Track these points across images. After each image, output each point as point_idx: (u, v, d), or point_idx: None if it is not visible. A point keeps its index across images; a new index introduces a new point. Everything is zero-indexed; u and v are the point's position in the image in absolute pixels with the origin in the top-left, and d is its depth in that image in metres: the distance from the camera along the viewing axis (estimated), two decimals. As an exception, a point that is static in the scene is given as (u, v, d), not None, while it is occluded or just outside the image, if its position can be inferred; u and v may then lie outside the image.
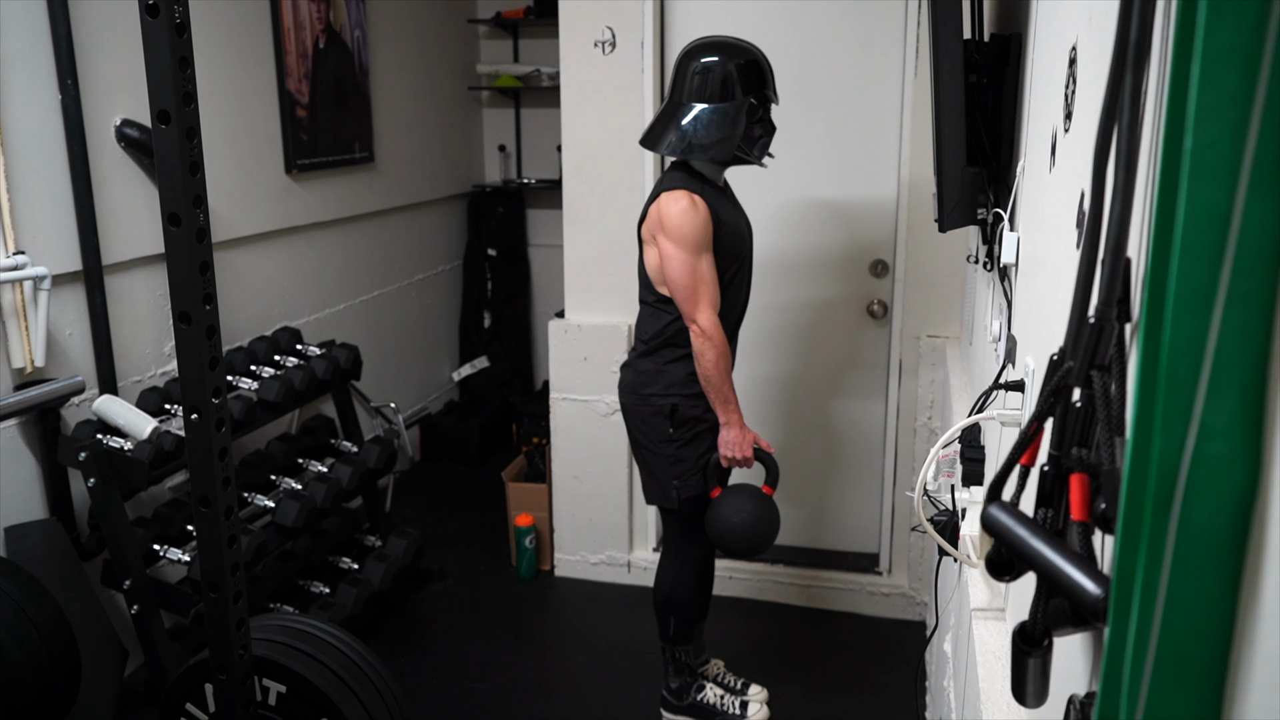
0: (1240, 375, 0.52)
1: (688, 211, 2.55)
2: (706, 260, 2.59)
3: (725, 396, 2.65)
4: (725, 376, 2.63)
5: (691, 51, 2.63)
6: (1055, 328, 1.06)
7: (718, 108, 2.58)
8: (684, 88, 2.61)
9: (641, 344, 2.78)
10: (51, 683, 2.40)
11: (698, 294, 2.58)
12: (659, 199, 2.61)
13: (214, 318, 1.78)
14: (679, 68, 2.63)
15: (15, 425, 2.79)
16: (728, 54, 2.59)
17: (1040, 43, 1.64)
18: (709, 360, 2.60)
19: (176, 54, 1.61)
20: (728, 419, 2.68)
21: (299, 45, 3.87)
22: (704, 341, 2.59)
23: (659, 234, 2.60)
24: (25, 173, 2.72)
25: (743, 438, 2.69)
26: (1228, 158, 0.50)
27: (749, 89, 2.59)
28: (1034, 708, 0.87)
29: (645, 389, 2.74)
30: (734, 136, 2.59)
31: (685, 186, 2.59)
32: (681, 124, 2.59)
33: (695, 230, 2.56)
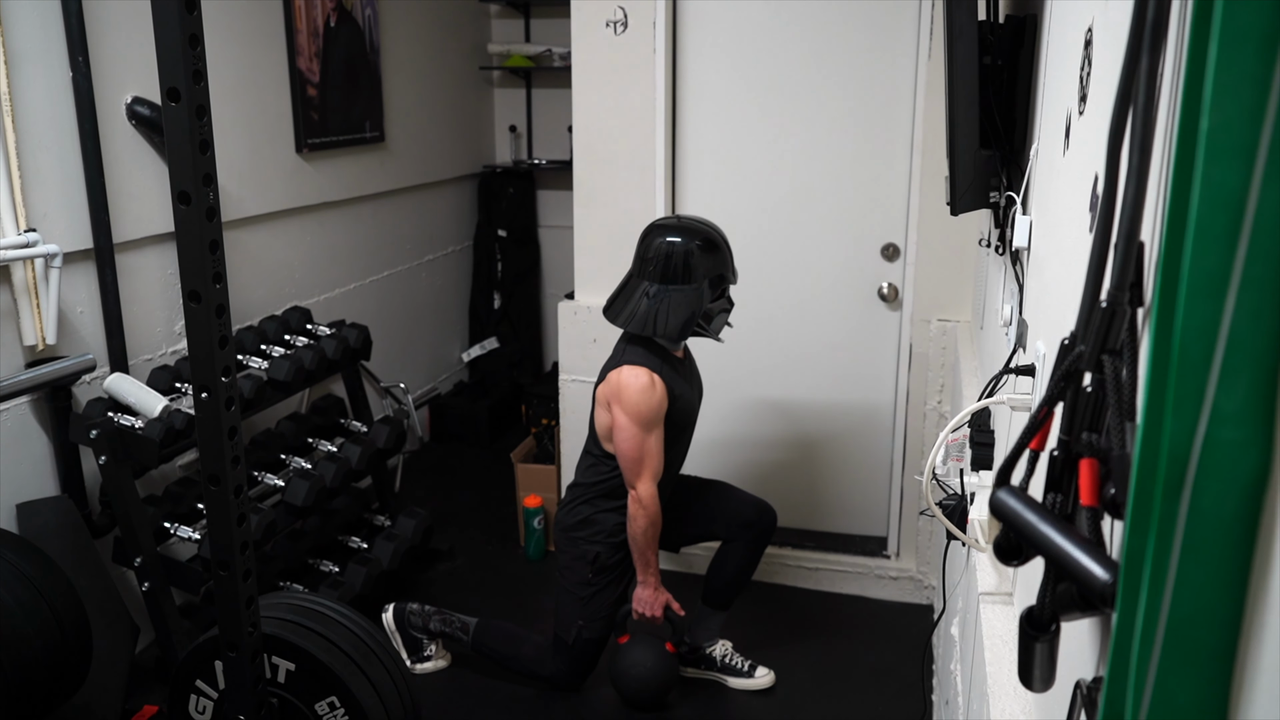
0: (1253, 360, 0.51)
1: (646, 390, 2.72)
2: (656, 435, 2.76)
3: (647, 560, 2.85)
4: (651, 543, 2.83)
5: (655, 229, 2.79)
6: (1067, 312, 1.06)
7: (678, 288, 2.73)
8: (646, 265, 2.75)
9: (579, 489, 2.96)
10: (63, 658, 2.42)
11: (642, 466, 2.76)
12: (620, 370, 2.75)
13: (224, 296, 1.78)
14: (642, 243, 2.79)
15: (27, 403, 2.80)
16: (688, 237, 2.74)
17: (1056, 24, 1.62)
18: (639, 526, 2.80)
19: (186, 31, 1.61)
20: (645, 579, 2.88)
21: (310, 23, 3.86)
22: (639, 509, 2.78)
23: (615, 404, 2.76)
24: (36, 150, 2.72)
25: (655, 599, 2.90)
26: (1244, 140, 0.49)
27: (708, 271, 2.74)
28: (1040, 692, 0.87)
29: (575, 531, 2.94)
30: (694, 317, 2.76)
31: (646, 364, 2.75)
32: (643, 302, 2.74)
33: (650, 409, 2.73)
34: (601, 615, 2.95)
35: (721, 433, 3.72)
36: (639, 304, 2.74)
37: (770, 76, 3.45)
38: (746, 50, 3.45)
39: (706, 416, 3.55)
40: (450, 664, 3.21)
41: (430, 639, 3.18)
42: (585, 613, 2.94)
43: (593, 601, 2.94)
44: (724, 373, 3.55)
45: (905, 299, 3.47)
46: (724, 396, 3.66)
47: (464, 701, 3.05)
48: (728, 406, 3.70)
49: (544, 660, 3.03)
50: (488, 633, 3.10)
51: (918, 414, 3.50)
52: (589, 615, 2.94)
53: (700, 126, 3.54)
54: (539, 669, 3.04)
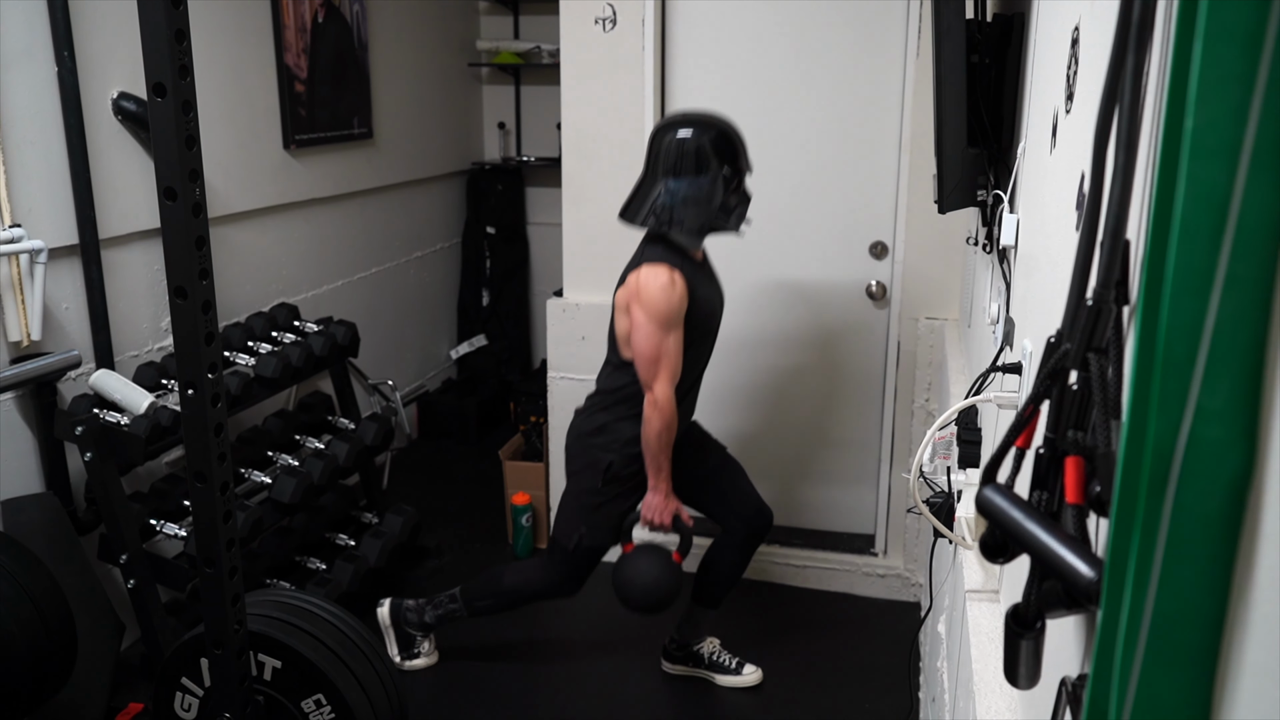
0: (1237, 359, 0.51)
1: (666, 288, 2.63)
2: (675, 336, 2.68)
3: (659, 465, 2.76)
4: (665, 448, 2.74)
5: (665, 126, 2.72)
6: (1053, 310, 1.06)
7: (693, 181, 2.65)
8: (659, 162, 2.68)
9: (599, 396, 2.88)
10: (48, 656, 2.41)
11: (660, 366, 2.67)
12: (639, 270, 2.68)
13: (210, 293, 1.77)
14: (653, 141, 2.72)
15: (11, 399, 2.79)
16: (700, 128, 2.67)
17: (1043, 23, 1.63)
18: (653, 429, 2.71)
19: (173, 26, 1.60)
20: (656, 484, 2.78)
21: (298, 19, 3.85)
22: (654, 411, 2.69)
23: (634, 303, 2.68)
24: (21, 145, 2.71)
25: (665, 506, 2.80)
26: (1228, 139, 0.49)
27: (722, 161, 2.67)
28: (1026, 689, 0.87)
29: (590, 439, 2.85)
30: (710, 210, 2.68)
31: (666, 261, 2.66)
32: (658, 199, 2.67)
33: (670, 308, 2.64)
34: (605, 526, 2.86)
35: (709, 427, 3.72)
36: (655, 202, 2.67)
37: (759, 74, 3.45)
38: (735, 48, 3.45)
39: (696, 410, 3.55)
40: (438, 660, 3.20)
41: (426, 634, 3.16)
42: (590, 520, 2.86)
43: (599, 511, 2.85)
44: (711, 371, 3.55)
45: (893, 297, 3.47)
46: (711, 394, 3.66)
47: (451, 698, 3.05)
48: (715, 403, 3.70)
49: (533, 577, 2.99)
50: (472, 592, 3.08)
51: (905, 412, 3.51)
52: (592, 524, 2.86)
53: (689, 124, 3.54)
54: (531, 586, 3.00)
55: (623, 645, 3.31)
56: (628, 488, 2.84)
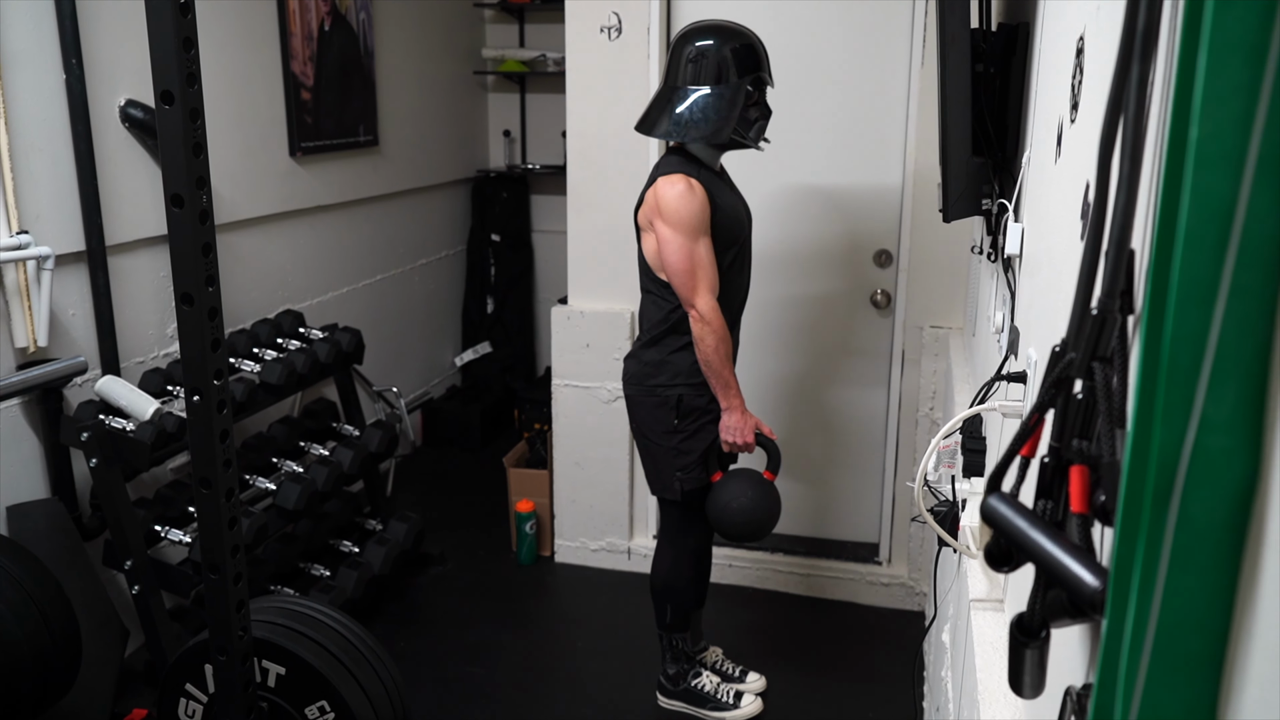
0: (1242, 368, 0.51)
1: (684, 195, 2.53)
2: (704, 244, 2.56)
3: (726, 381, 2.62)
4: (726, 361, 2.60)
5: (686, 35, 2.61)
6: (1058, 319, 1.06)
7: (713, 91, 2.56)
8: (679, 71, 2.59)
9: (645, 333, 2.75)
10: (52, 662, 2.41)
11: (696, 278, 2.55)
12: (655, 183, 2.59)
13: (216, 300, 1.78)
14: (674, 51, 2.61)
15: (18, 405, 2.79)
16: (723, 37, 2.57)
17: (1048, 32, 1.63)
18: (709, 345, 2.57)
19: (181, 34, 1.60)
20: (729, 404, 2.65)
21: (304, 27, 3.86)
22: (703, 327, 2.56)
23: (656, 219, 2.58)
24: (29, 152, 2.72)
25: (744, 423, 2.67)
26: (1233, 149, 0.50)
27: (744, 72, 2.57)
28: (1031, 699, 0.87)
29: (650, 380, 2.72)
30: (730, 120, 2.57)
31: (682, 170, 2.57)
32: (677, 108, 2.58)
33: (692, 214, 2.53)
34: (699, 462, 2.72)
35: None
36: (674, 110, 2.58)
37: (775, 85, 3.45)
38: (741, 56, 3.45)
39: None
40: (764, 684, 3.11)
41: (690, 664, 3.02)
42: (680, 463, 2.71)
43: (685, 448, 2.70)
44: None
45: (898, 305, 3.47)
46: (717, 402, 3.66)
47: (454, 706, 3.04)
48: (720, 412, 3.70)
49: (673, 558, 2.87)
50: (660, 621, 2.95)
51: (910, 420, 3.50)
52: (685, 465, 2.71)
53: (694, 132, 3.54)
54: (681, 563, 2.86)
55: (626, 653, 3.31)
56: (705, 420, 2.71)
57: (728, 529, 2.73)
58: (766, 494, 2.71)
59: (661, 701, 3.04)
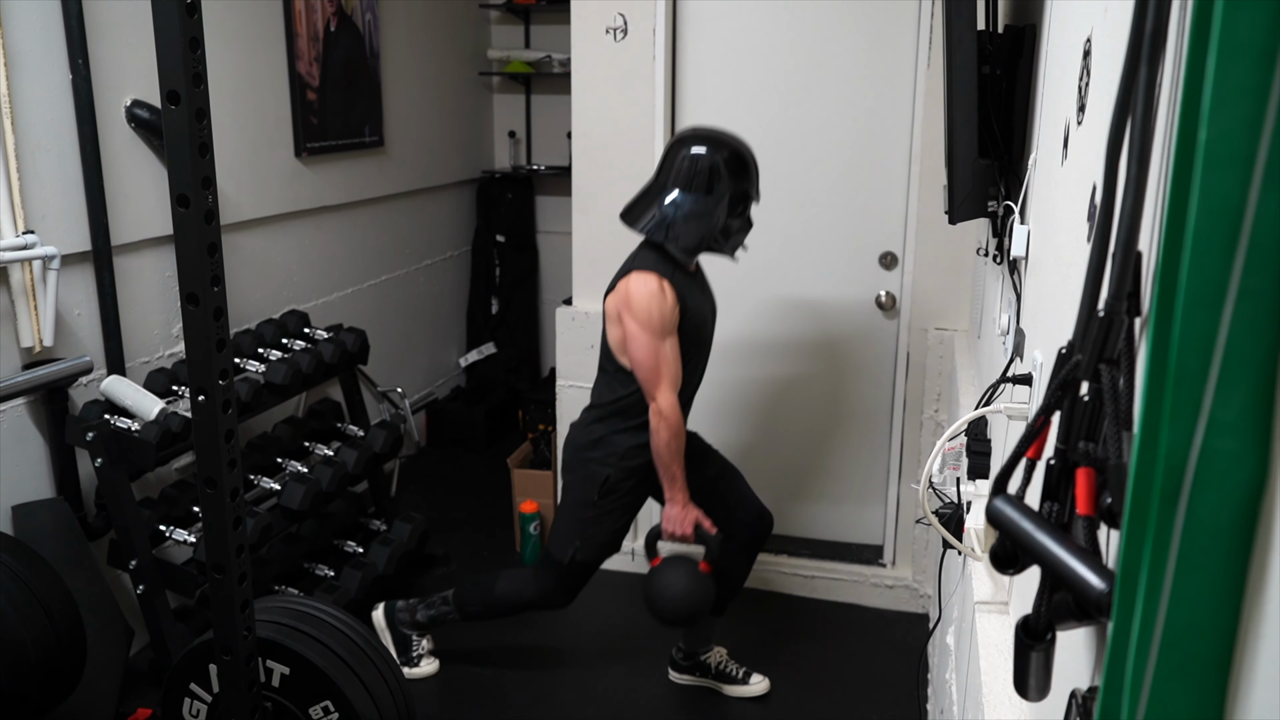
0: (1250, 371, 0.51)
1: (656, 296, 2.62)
2: (670, 343, 2.66)
3: (673, 475, 2.72)
4: (676, 456, 2.71)
5: (683, 139, 2.71)
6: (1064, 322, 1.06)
7: (699, 198, 2.65)
8: (670, 172, 2.68)
9: (594, 409, 2.85)
10: (57, 661, 2.41)
11: (660, 375, 2.65)
12: (628, 278, 2.67)
13: (222, 300, 1.78)
14: (668, 151, 2.71)
15: (23, 404, 2.80)
16: (714, 147, 2.66)
17: (1054, 34, 1.63)
18: (662, 439, 2.68)
19: (187, 34, 1.61)
20: (673, 496, 2.75)
21: (310, 28, 3.87)
22: (660, 421, 2.66)
23: (625, 313, 2.66)
24: (35, 152, 2.72)
25: (685, 515, 2.76)
26: (1242, 150, 0.49)
27: (732, 184, 2.66)
28: (1036, 701, 0.87)
29: (587, 452, 2.83)
30: (711, 230, 2.67)
31: (656, 270, 2.65)
32: (662, 207, 2.66)
33: (663, 315, 2.63)
34: (599, 542, 2.85)
35: (718, 440, 3.71)
36: (657, 210, 2.66)
37: (769, 84, 3.46)
38: (746, 58, 3.46)
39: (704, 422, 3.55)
40: (439, 669, 3.20)
41: (420, 634, 3.15)
42: (583, 534, 2.84)
43: (594, 525, 2.83)
44: (721, 380, 3.55)
45: (903, 307, 3.47)
46: (721, 403, 3.66)
47: (458, 706, 3.05)
48: (725, 413, 3.70)
49: (523, 587, 2.97)
50: (464, 596, 3.06)
51: (914, 422, 3.50)
52: (586, 538, 2.84)
53: (699, 133, 3.54)
54: (523, 596, 2.97)
55: (631, 654, 3.31)
56: (624, 502, 2.84)
57: (659, 613, 2.83)
58: (701, 585, 2.80)
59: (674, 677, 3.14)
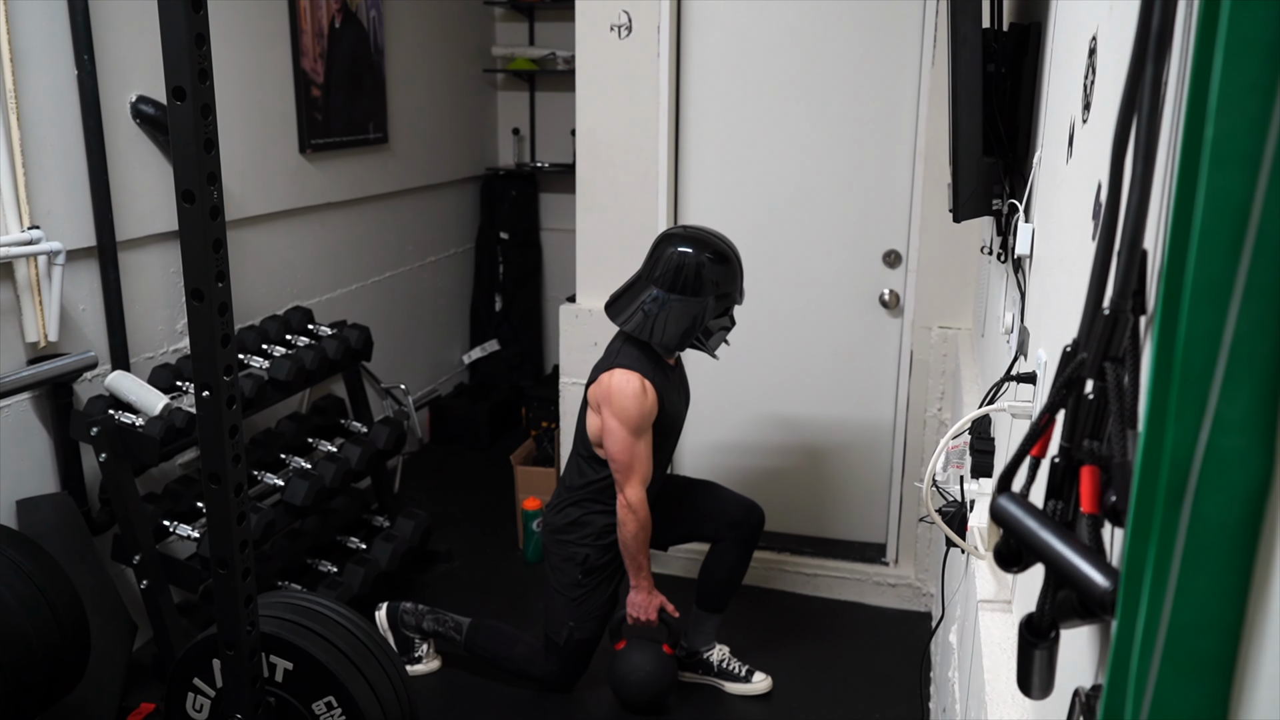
0: (1256, 369, 0.51)
1: (637, 396, 2.71)
2: (645, 440, 2.77)
3: (639, 565, 2.84)
4: (642, 547, 2.82)
5: (672, 237, 2.78)
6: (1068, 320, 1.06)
7: (682, 299, 2.72)
8: (656, 269, 2.74)
9: (567, 493, 2.94)
10: (61, 655, 2.42)
11: (632, 470, 2.76)
12: (612, 373, 2.74)
13: (226, 295, 1.78)
14: (656, 248, 2.78)
15: (28, 399, 2.80)
16: (703, 250, 2.73)
17: (1060, 32, 1.63)
18: (629, 531, 2.79)
19: (193, 30, 1.61)
20: (638, 584, 2.88)
21: (315, 24, 3.87)
22: (628, 513, 2.77)
23: (605, 406, 2.75)
24: (41, 148, 2.73)
25: (649, 602, 2.89)
26: (1249, 148, 0.49)
27: (716, 289, 2.73)
28: (1039, 700, 0.87)
29: (563, 535, 2.94)
30: (693, 331, 2.75)
31: (639, 369, 2.73)
32: (647, 305, 2.73)
33: (642, 415, 2.73)
34: (592, 616, 2.95)
35: (721, 438, 3.72)
36: (642, 307, 2.74)
37: (774, 82, 3.45)
38: (750, 55, 3.45)
39: (707, 421, 3.55)
40: (441, 666, 3.20)
41: (423, 639, 3.17)
42: (576, 614, 2.94)
43: (583, 603, 2.93)
44: (724, 378, 3.55)
45: (907, 306, 3.47)
46: (724, 402, 3.66)
47: (460, 703, 3.05)
48: (728, 411, 3.70)
49: (536, 661, 3.03)
50: (480, 633, 3.09)
51: (918, 421, 3.50)
52: (579, 616, 2.94)
53: (703, 131, 3.54)
54: (531, 669, 3.03)
55: (633, 652, 3.31)
56: (606, 575, 2.94)
57: (625, 697, 2.96)
58: (665, 668, 2.94)
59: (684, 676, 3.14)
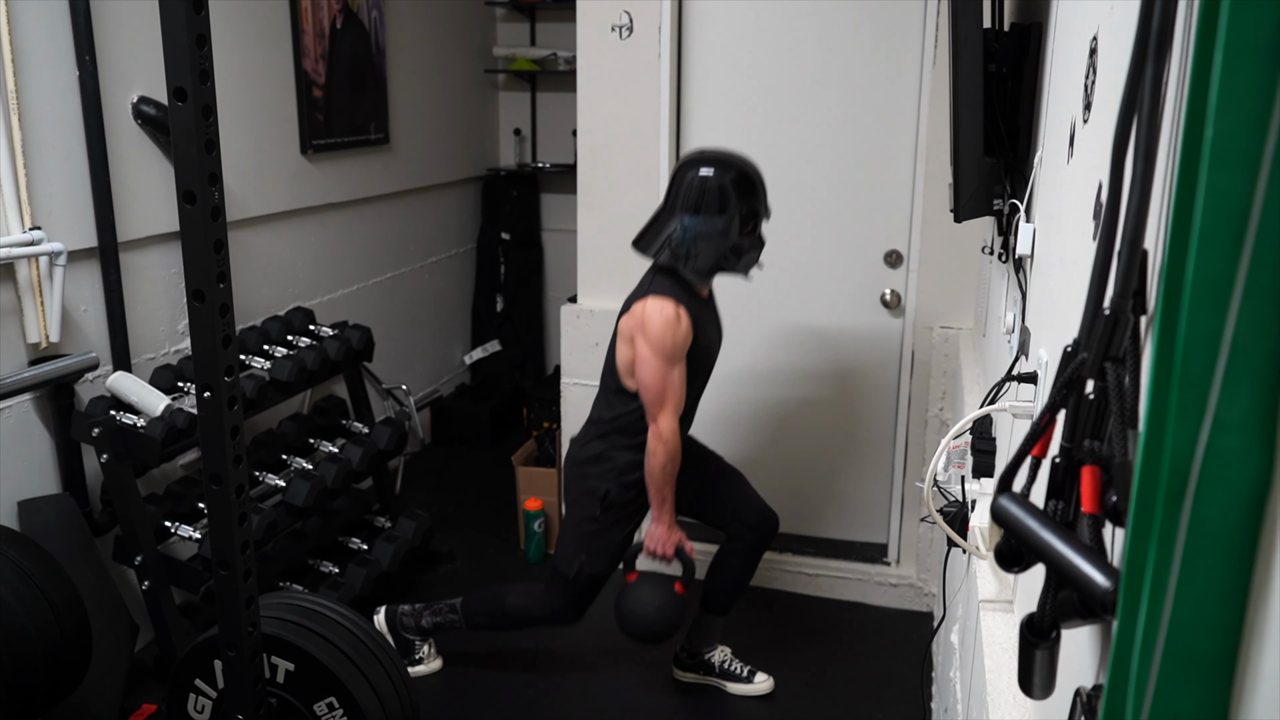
0: (1256, 369, 0.51)
1: (672, 324, 2.64)
2: (679, 370, 2.69)
3: (664, 497, 2.76)
4: (669, 479, 2.74)
5: (690, 161, 2.71)
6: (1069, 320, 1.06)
7: (710, 219, 2.65)
8: (679, 196, 2.68)
9: (594, 425, 2.88)
10: (63, 656, 2.42)
11: (665, 399, 2.68)
12: (645, 301, 2.68)
13: (228, 296, 1.79)
14: (675, 176, 2.71)
15: (30, 400, 2.81)
16: (722, 168, 2.66)
17: (1061, 32, 1.63)
18: (658, 461, 2.71)
19: (194, 31, 1.61)
20: (660, 517, 2.79)
21: (316, 25, 3.87)
22: (659, 444, 2.70)
23: (639, 335, 2.68)
24: (42, 149, 2.73)
25: (669, 537, 2.81)
26: (1248, 149, 0.49)
27: (741, 204, 2.66)
28: (1040, 699, 0.87)
29: (587, 467, 2.86)
30: (722, 251, 2.68)
31: (673, 296, 2.67)
32: (673, 234, 2.67)
33: (676, 344, 2.66)
34: (606, 553, 2.87)
35: (721, 437, 3.72)
36: (670, 237, 2.67)
37: (775, 82, 3.45)
38: (751, 55, 3.45)
39: (708, 420, 3.55)
40: (442, 666, 3.20)
41: (424, 639, 3.16)
42: (590, 549, 2.86)
43: (599, 538, 2.86)
44: (725, 378, 3.55)
45: (908, 306, 3.47)
46: (725, 400, 3.66)
47: (462, 703, 3.05)
48: (729, 410, 3.70)
49: (535, 602, 2.99)
50: (472, 604, 3.07)
51: (919, 421, 3.50)
52: (593, 552, 2.86)
53: (705, 131, 3.54)
54: (532, 612, 2.99)
55: (635, 654, 3.30)
56: (626, 514, 2.86)
57: (630, 628, 2.86)
58: (674, 606, 2.83)
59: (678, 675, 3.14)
